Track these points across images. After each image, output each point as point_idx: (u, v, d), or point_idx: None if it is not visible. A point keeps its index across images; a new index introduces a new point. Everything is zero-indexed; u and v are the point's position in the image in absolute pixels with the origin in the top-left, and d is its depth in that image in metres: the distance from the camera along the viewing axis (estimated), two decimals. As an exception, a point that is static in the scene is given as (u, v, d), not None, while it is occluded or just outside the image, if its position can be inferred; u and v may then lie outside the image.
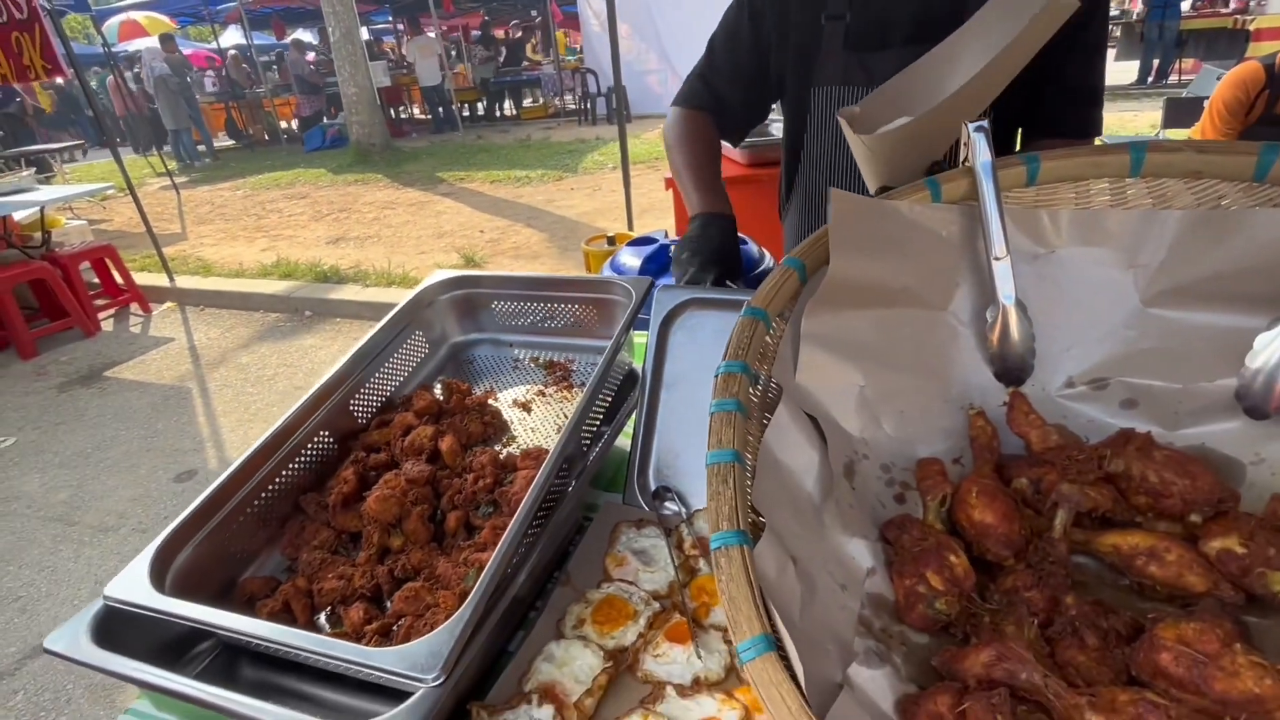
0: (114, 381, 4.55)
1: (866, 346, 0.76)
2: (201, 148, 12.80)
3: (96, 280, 5.75)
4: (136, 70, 13.54)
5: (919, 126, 0.90)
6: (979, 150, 0.74)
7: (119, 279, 5.69)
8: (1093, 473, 0.66)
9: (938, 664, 0.58)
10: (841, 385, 0.76)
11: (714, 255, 1.15)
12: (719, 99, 1.32)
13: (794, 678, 0.48)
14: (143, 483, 3.41)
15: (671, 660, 0.77)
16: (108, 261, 5.59)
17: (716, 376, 0.68)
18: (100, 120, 5.99)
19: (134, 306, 5.80)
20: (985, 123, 0.74)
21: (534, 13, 16.64)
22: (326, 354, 4.63)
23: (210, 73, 15.67)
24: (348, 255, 6.38)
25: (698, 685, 0.73)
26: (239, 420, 3.89)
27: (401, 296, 1.24)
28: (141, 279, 5.96)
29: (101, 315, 5.58)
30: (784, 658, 0.50)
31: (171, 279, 6.01)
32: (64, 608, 2.69)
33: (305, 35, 15.92)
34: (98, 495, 3.36)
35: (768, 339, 0.73)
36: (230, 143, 14.68)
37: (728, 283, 1.14)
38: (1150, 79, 10.56)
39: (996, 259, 0.74)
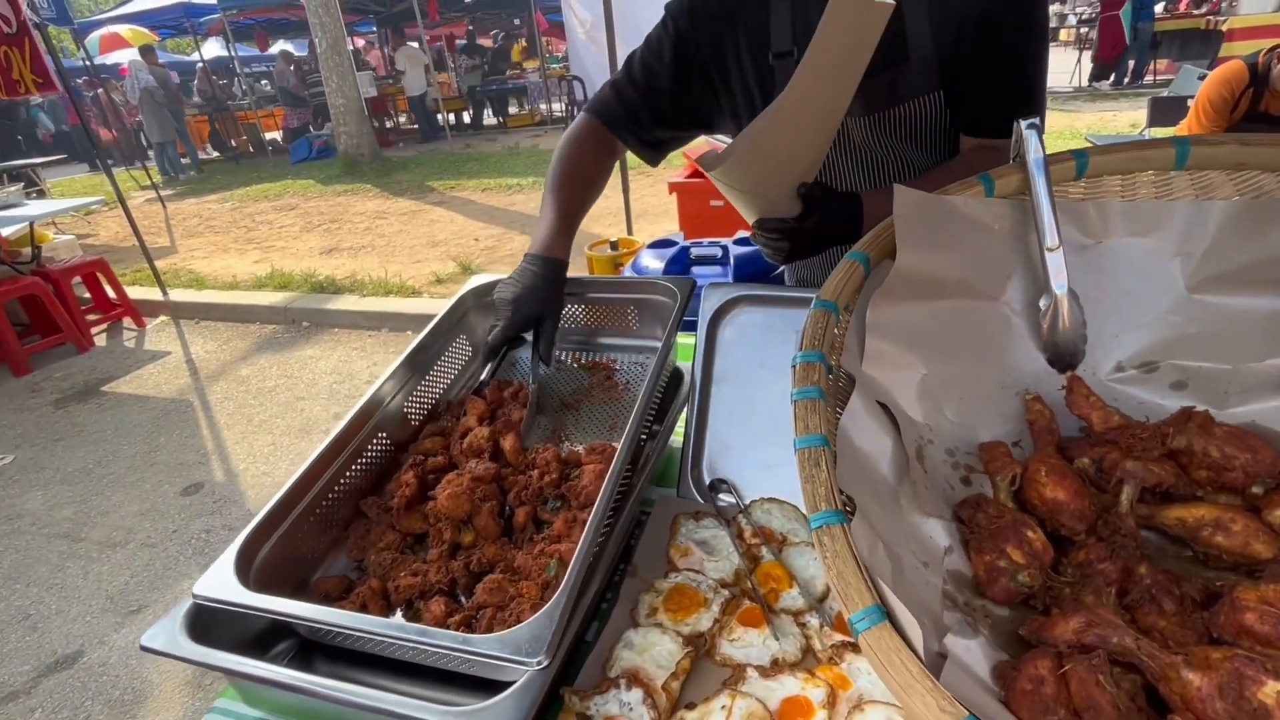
0: (112, 396, 4.51)
1: (927, 336, 0.80)
2: (186, 160, 12.68)
3: (88, 295, 5.69)
4: (113, 81, 13.40)
5: (766, 148, 0.93)
6: (1031, 146, 0.78)
7: (111, 293, 5.64)
8: (1156, 449, 0.70)
9: (1026, 633, 0.61)
10: (905, 374, 0.79)
11: (526, 306, 1.09)
12: (631, 112, 1.25)
13: (908, 645, 0.51)
14: (149, 497, 3.38)
15: (748, 644, 0.79)
16: (99, 276, 5.53)
17: (794, 366, 0.71)
18: (90, 134, 5.94)
19: (127, 321, 5.75)
20: (1037, 120, 0.78)
21: (518, 21, 16.69)
22: (327, 364, 4.62)
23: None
24: (343, 265, 6.36)
25: (777, 666, 0.76)
26: (243, 433, 3.86)
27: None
28: (133, 293, 5.90)
29: (94, 330, 5.52)
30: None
31: (165, 292, 5.96)
32: (75, 625, 2.66)
33: (288, 46, 15.83)
34: (103, 511, 3.32)
35: (836, 330, 0.76)
36: (215, 155, 14.57)
37: (531, 333, 1.11)
38: (1126, 80, 10.81)
39: (1049, 250, 0.78)
